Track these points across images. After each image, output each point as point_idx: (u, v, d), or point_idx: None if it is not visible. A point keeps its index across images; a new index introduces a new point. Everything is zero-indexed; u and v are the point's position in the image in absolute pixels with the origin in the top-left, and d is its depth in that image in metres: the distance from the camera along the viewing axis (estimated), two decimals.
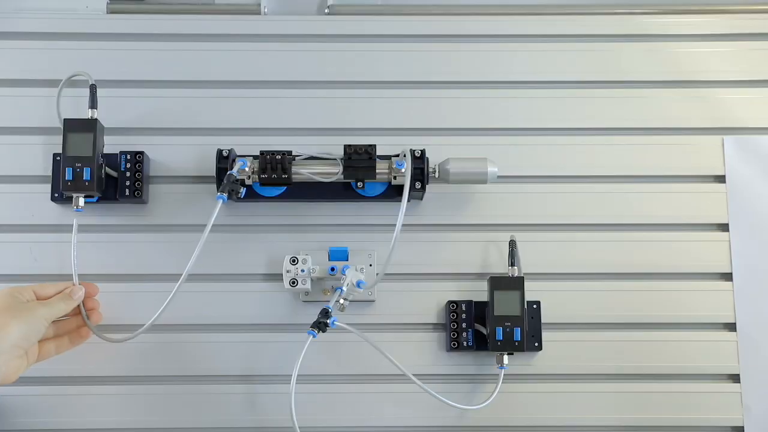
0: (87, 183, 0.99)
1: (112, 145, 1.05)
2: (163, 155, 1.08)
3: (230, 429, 1.04)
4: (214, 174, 1.02)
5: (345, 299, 0.99)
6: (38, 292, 0.94)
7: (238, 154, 1.03)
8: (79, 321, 0.99)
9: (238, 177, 1.00)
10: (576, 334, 1.06)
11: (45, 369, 1.03)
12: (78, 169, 0.99)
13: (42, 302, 0.93)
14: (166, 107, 1.10)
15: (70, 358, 1.03)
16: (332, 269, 1.02)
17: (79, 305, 0.98)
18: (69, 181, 0.99)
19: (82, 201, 1.00)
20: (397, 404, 1.04)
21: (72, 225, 1.00)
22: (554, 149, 1.10)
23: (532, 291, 1.04)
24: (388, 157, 1.03)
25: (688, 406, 1.05)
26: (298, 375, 0.95)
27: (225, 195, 0.98)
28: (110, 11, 1.14)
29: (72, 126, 1.00)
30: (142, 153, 1.05)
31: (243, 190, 1.01)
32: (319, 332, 0.96)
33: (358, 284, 0.99)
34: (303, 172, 1.02)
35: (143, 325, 1.03)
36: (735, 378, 1.06)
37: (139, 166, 1.04)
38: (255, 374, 1.04)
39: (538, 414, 1.05)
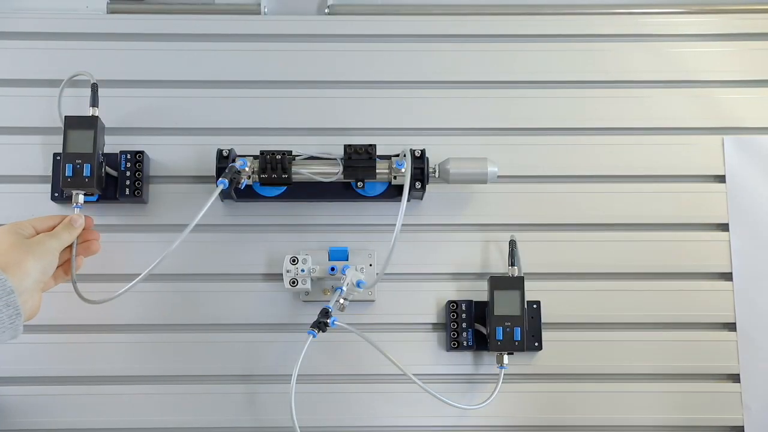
0: (87, 180, 0.99)
1: (112, 144, 1.05)
2: (163, 155, 1.08)
3: (230, 429, 1.04)
4: (214, 174, 1.01)
5: (345, 299, 0.99)
6: (37, 225, 0.94)
7: (238, 153, 1.03)
8: (69, 253, 0.98)
9: (239, 170, 1.00)
10: (576, 334, 1.06)
11: (45, 369, 1.03)
12: (78, 166, 0.98)
13: (49, 234, 0.93)
14: (166, 107, 1.10)
15: (70, 357, 1.03)
16: (332, 269, 1.02)
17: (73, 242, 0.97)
18: (69, 177, 0.98)
19: (81, 198, 1.00)
20: (397, 404, 1.04)
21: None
22: (554, 149, 1.10)
23: (532, 291, 1.04)
24: (388, 157, 1.03)
25: (688, 406, 1.05)
26: (298, 375, 0.95)
27: (226, 181, 0.97)
28: (110, 11, 1.14)
29: (73, 123, 1.00)
30: (142, 153, 1.05)
31: (244, 181, 1.01)
32: (319, 332, 0.96)
33: (358, 284, 0.99)
34: (303, 171, 1.02)
35: (143, 324, 1.04)
36: (735, 378, 1.06)
37: (139, 166, 1.04)
38: (255, 374, 1.04)
39: (538, 414, 1.05)
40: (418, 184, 1.02)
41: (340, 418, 1.04)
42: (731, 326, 1.07)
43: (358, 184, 1.03)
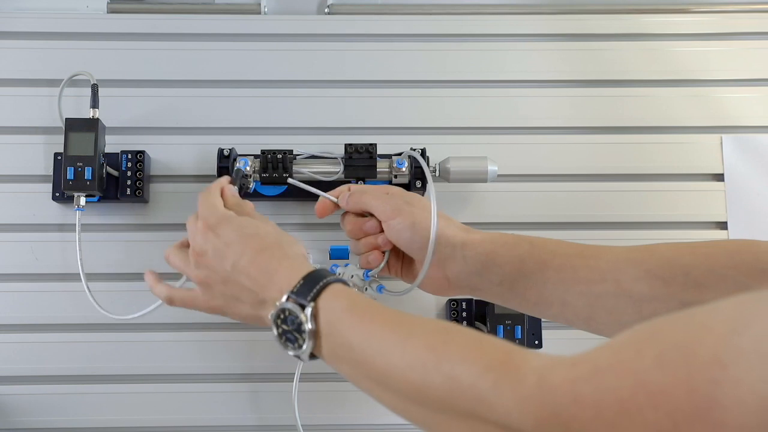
0: (88, 182, 0.99)
1: (112, 144, 1.05)
2: (164, 155, 1.08)
3: (233, 427, 1.04)
4: (216, 173, 1.02)
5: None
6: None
7: (239, 153, 1.04)
8: None
9: (247, 175, 1.00)
10: (576, 332, 1.06)
11: (45, 368, 1.03)
12: (79, 169, 0.99)
13: None
14: (166, 107, 1.10)
15: (73, 356, 1.03)
16: (334, 268, 1.02)
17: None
18: (70, 180, 0.99)
19: (83, 200, 1.00)
20: None
21: (74, 224, 1.01)
22: (554, 148, 1.11)
23: None
24: (388, 156, 1.04)
25: None
26: (300, 373, 0.95)
27: (236, 188, 0.97)
28: (110, 11, 1.13)
29: (74, 125, 1.00)
30: (143, 152, 1.05)
31: (253, 186, 1.01)
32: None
33: (379, 289, 0.95)
34: (304, 171, 1.03)
35: (144, 324, 1.04)
36: None
37: (140, 166, 1.04)
38: (257, 372, 1.04)
39: None
40: (418, 183, 1.02)
41: (342, 416, 1.04)
42: None
43: (359, 182, 1.03)
